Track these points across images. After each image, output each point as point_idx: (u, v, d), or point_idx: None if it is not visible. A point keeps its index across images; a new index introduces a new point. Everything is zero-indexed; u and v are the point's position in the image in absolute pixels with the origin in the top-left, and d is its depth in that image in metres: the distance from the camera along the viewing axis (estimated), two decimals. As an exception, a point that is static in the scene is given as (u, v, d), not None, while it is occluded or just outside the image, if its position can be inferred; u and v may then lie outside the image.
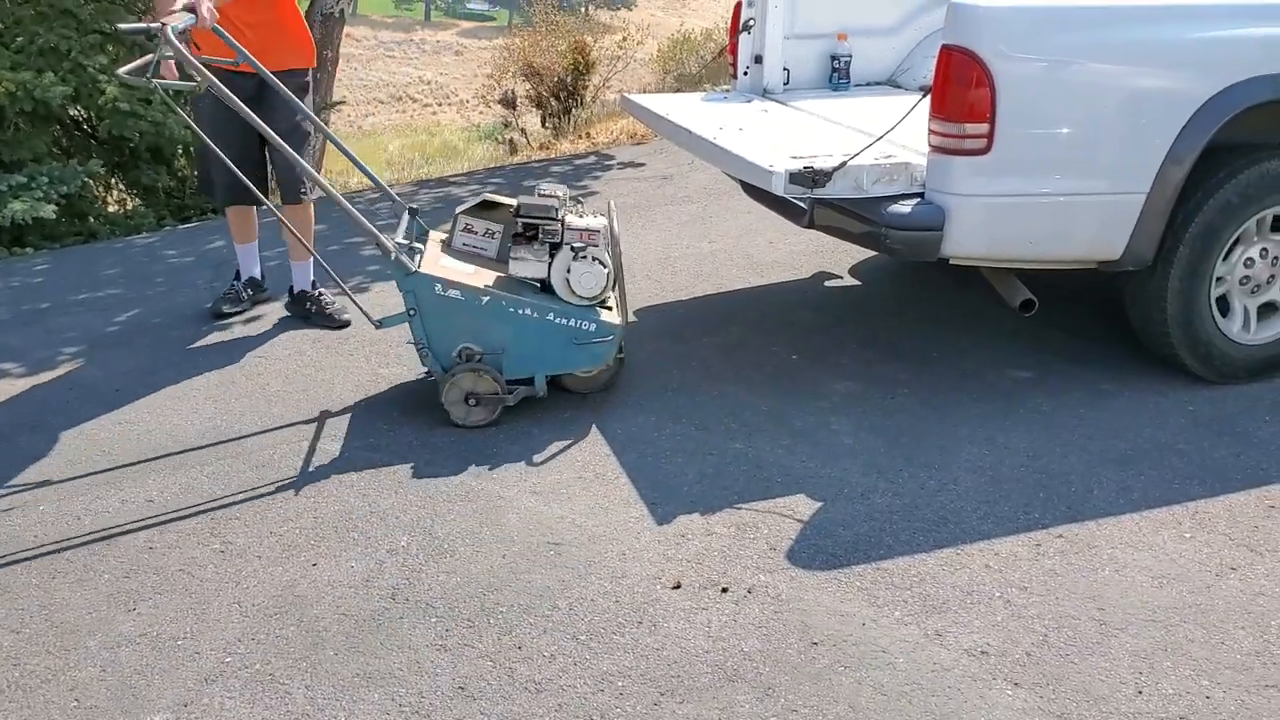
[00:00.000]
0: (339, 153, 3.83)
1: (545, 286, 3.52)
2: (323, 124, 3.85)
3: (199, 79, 3.23)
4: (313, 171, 3.50)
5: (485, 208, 3.77)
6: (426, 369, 3.57)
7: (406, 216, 3.74)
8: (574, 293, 3.47)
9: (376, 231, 3.40)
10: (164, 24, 3.14)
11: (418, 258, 3.47)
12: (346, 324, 4.41)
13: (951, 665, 2.39)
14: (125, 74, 3.22)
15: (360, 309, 3.58)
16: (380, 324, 3.56)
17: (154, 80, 3.16)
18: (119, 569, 2.84)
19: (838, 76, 4.59)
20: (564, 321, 3.47)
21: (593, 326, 3.48)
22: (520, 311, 3.44)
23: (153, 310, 4.79)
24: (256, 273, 4.74)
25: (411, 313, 3.43)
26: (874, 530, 2.88)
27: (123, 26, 3.33)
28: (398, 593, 2.70)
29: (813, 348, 4.04)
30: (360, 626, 2.58)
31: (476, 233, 3.76)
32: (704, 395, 3.68)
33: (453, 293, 3.41)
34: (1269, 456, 3.18)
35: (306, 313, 4.51)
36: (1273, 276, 3.59)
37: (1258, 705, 2.25)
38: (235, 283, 4.71)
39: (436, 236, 3.80)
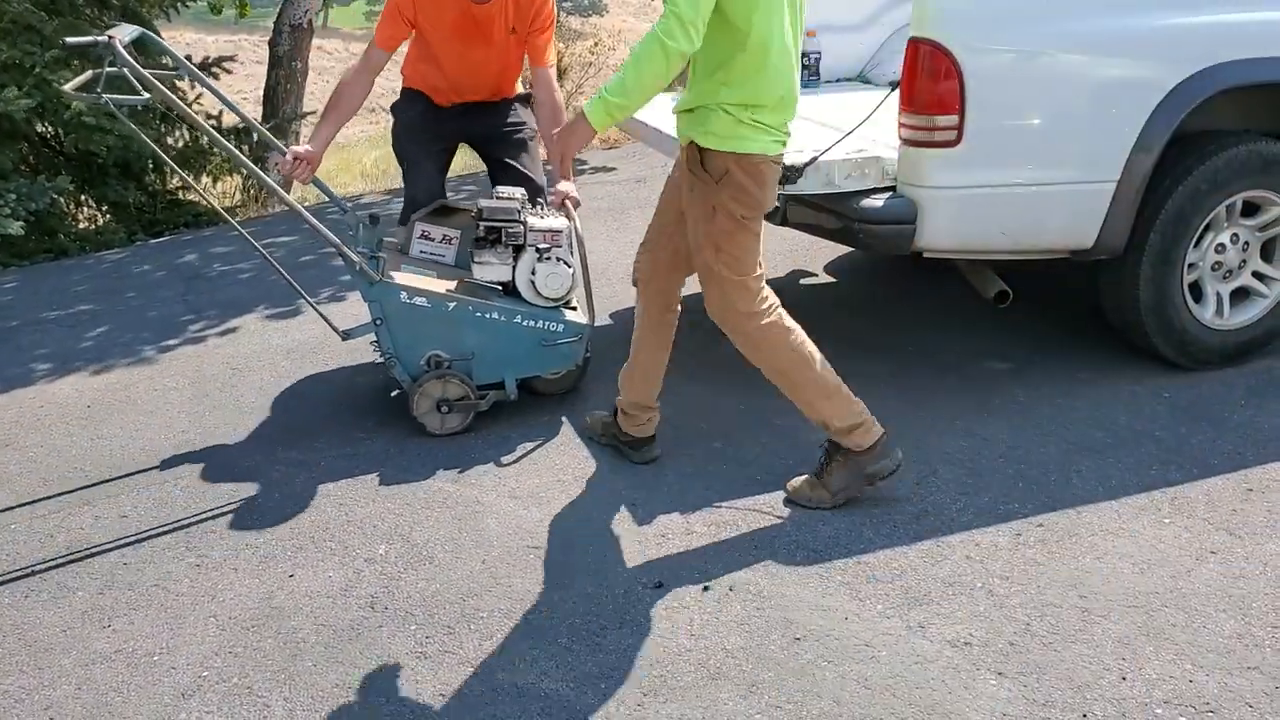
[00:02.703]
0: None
1: (509, 289, 3.50)
2: (267, 133, 3.79)
3: (151, 92, 3.17)
4: (274, 184, 3.44)
5: (441, 213, 3.75)
6: (396, 379, 3.53)
7: (365, 225, 3.71)
8: (539, 294, 3.45)
9: (339, 242, 3.36)
10: (111, 36, 3.08)
11: (382, 266, 3.44)
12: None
13: (935, 657, 2.38)
14: (72, 90, 3.15)
15: (327, 321, 3.55)
16: (346, 335, 3.54)
17: (105, 96, 3.10)
18: (93, 586, 2.81)
19: (807, 73, 4.59)
20: (531, 323, 3.45)
21: (560, 327, 3.47)
22: (488, 316, 3.42)
23: (124, 326, 4.74)
24: None
25: (378, 322, 3.40)
26: (854, 525, 2.87)
27: (70, 40, 3.23)
28: (376, 601, 2.67)
29: (790, 345, 4.03)
30: (339, 636, 2.56)
31: (434, 239, 3.73)
32: (681, 395, 3.65)
33: (419, 300, 3.38)
34: (1245, 440, 3.19)
35: None
36: (1244, 262, 3.61)
37: (1240, 687, 2.25)
38: None
39: (391, 244, 3.76)
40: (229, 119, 7.71)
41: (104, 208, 7.60)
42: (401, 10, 3.64)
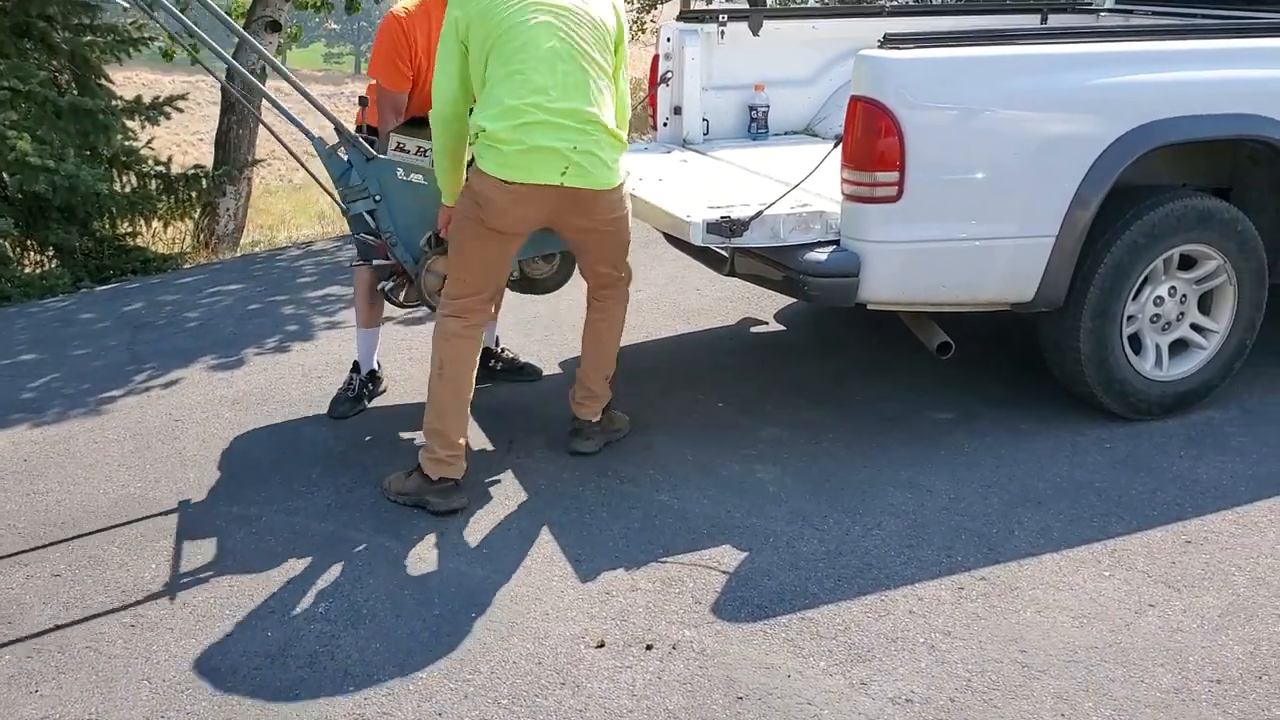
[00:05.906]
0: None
1: None
2: (282, 66, 3.63)
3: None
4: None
5: (414, 125, 3.70)
6: (382, 260, 3.54)
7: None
8: None
9: (341, 123, 3.41)
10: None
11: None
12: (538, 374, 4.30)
13: (877, 715, 2.37)
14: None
15: (329, 192, 3.62)
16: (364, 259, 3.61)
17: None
18: (21, 649, 2.73)
19: (756, 126, 4.65)
20: None
21: None
22: None
23: (67, 376, 4.66)
24: (375, 364, 4.13)
25: (377, 199, 3.41)
26: (799, 579, 2.87)
27: None
28: (315, 661, 2.63)
29: (739, 395, 4.04)
30: (276, 697, 2.51)
31: (409, 151, 3.68)
32: (630, 446, 3.65)
33: (415, 177, 3.42)
34: (1184, 492, 3.24)
35: (492, 371, 4.21)
36: (1182, 314, 3.67)
37: (1178, 743, 2.26)
38: (355, 376, 4.07)
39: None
40: (178, 164, 7.64)
41: (49, 253, 7.49)
42: (406, 53, 3.60)
